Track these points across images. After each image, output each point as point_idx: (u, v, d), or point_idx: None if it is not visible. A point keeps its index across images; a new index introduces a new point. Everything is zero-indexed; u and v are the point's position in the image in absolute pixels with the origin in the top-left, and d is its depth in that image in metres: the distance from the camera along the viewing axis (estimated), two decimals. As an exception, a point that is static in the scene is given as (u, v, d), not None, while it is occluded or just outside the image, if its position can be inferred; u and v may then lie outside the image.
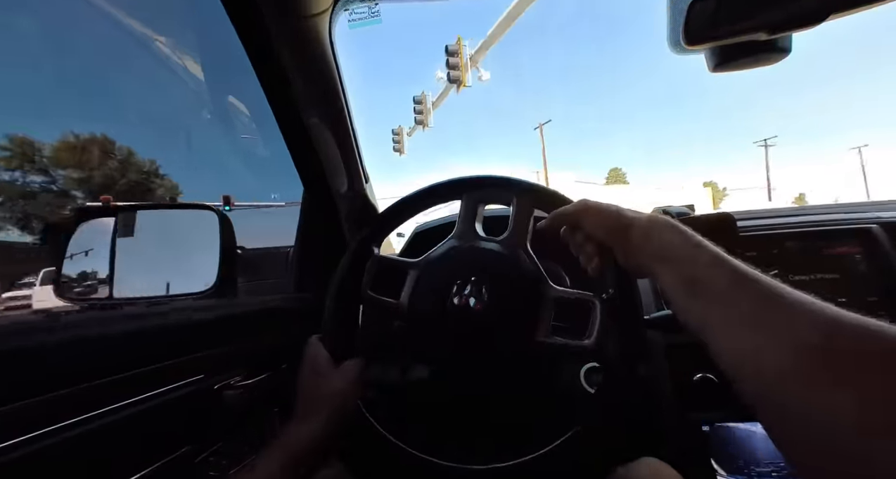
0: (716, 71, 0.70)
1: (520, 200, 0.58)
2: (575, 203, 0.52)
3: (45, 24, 0.84)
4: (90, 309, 0.69)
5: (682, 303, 0.38)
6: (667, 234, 0.41)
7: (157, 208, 0.77)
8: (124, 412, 0.42)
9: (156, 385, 0.46)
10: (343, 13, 0.75)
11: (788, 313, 0.30)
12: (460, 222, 0.60)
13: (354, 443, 0.69)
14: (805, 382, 0.26)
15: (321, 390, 0.52)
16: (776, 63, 0.68)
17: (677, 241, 0.40)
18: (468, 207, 0.60)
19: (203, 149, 1.28)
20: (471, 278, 0.56)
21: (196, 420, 0.50)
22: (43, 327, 0.37)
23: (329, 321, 0.59)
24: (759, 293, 0.32)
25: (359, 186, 0.91)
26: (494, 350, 0.55)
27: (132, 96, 1.26)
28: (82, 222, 0.68)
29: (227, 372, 0.55)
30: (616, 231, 0.46)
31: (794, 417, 0.26)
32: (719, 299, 0.34)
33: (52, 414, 0.36)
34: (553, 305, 0.55)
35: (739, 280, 0.33)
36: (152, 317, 0.49)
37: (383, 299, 0.59)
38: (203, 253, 0.70)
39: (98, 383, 0.39)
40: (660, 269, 0.41)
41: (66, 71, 1.13)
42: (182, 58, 0.92)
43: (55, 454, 0.35)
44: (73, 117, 1.38)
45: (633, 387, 0.51)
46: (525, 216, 0.58)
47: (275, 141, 0.82)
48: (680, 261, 0.39)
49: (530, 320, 0.54)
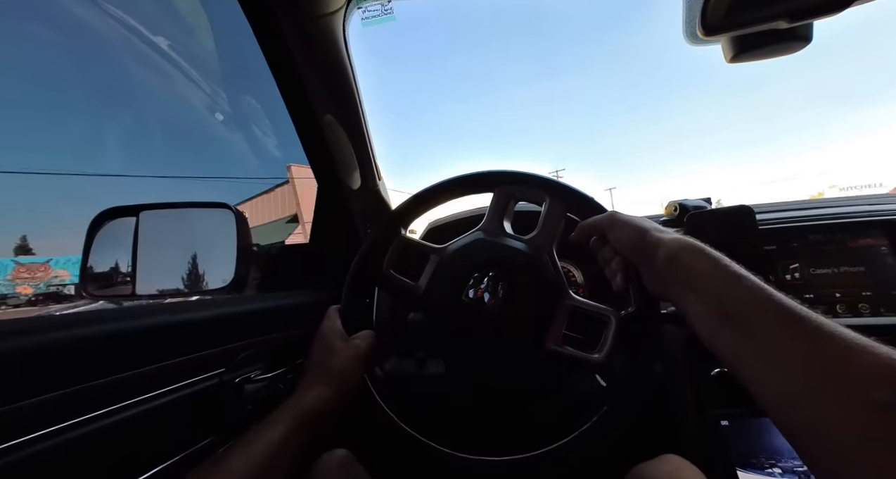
0: (734, 61, 0.69)
1: (552, 201, 0.57)
2: (604, 215, 0.50)
3: (76, 35, 0.86)
4: (114, 305, 0.71)
5: (712, 334, 0.35)
6: (697, 259, 0.38)
7: (176, 207, 0.79)
8: (152, 403, 0.43)
9: (176, 379, 0.47)
10: (356, 12, 0.75)
11: (845, 357, 0.26)
12: (489, 216, 0.59)
13: (359, 426, 0.69)
14: (873, 449, 0.23)
15: (330, 359, 0.53)
16: (796, 52, 0.67)
17: (709, 268, 0.37)
18: (499, 202, 0.59)
19: (214, 147, 1.29)
20: (489, 273, 0.55)
21: (219, 412, 0.51)
22: (70, 322, 0.39)
23: (347, 296, 0.60)
24: (810, 333, 0.28)
25: (372, 183, 0.92)
26: (502, 349, 0.55)
27: (147, 97, 1.27)
28: (106, 222, 0.71)
29: (248, 366, 0.56)
30: (641, 250, 0.43)
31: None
32: (760, 336, 0.31)
33: (83, 404, 0.37)
34: (569, 313, 0.54)
35: (786, 316, 0.30)
36: (175, 313, 0.50)
37: (403, 280, 0.59)
38: (221, 250, 0.72)
39: (124, 376, 0.40)
40: (687, 297, 0.38)
41: (88, 79, 1.16)
42: (197, 57, 0.93)
43: (89, 441, 0.36)
44: (94, 118, 1.41)
45: (640, 407, 0.50)
46: (556, 219, 0.56)
47: (288, 140, 0.83)
48: (712, 291, 0.36)
49: (542, 326, 0.53)
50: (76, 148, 4.65)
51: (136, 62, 1.25)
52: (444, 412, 0.78)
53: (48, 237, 4.70)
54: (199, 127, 1.91)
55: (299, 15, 0.66)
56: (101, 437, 0.37)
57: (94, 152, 4.07)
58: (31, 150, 5.39)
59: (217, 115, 0.91)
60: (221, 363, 0.53)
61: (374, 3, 0.75)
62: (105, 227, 0.71)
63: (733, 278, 0.34)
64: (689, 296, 0.37)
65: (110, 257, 0.71)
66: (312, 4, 0.65)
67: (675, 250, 0.40)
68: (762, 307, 0.31)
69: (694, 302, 0.37)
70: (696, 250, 0.39)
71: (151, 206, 0.76)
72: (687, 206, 0.80)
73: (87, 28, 1.37)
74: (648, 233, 0.43)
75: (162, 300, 0.72)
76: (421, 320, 0.82)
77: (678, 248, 0.40)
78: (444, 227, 0.99)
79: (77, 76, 3.01)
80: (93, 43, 1.71)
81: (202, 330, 0.51)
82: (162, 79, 1.13)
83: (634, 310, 0.51)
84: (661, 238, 0.42)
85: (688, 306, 0.38)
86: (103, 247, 0.71)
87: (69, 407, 0.36)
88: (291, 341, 0.66)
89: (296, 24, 0.66)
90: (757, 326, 0.31)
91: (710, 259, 0.37)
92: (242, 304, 0.63)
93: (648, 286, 0.45)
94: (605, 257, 0.50)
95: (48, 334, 0.36)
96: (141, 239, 0.72)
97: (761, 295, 0.32)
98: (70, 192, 10.98)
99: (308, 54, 0.70)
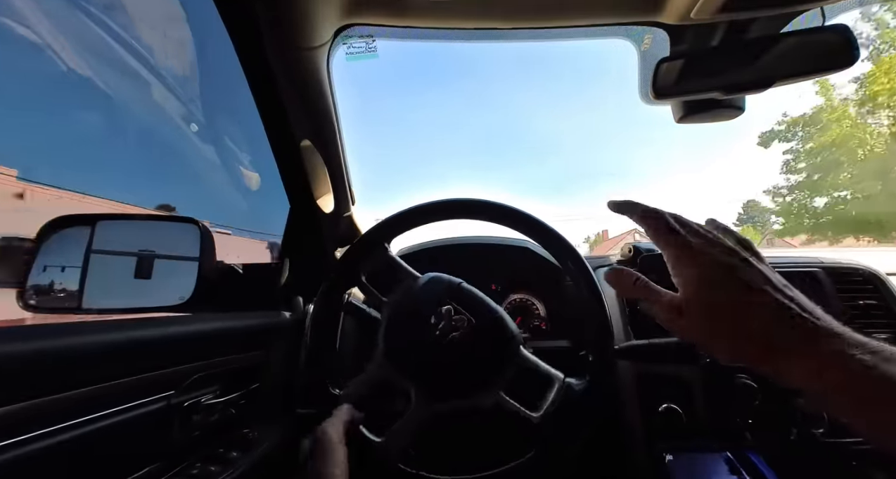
0: (681, 122, 0.78)
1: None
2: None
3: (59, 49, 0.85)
4: (55, 319, 0.67)
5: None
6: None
7: (137, 219, 0.76)
8: (85, 429, 0.40)
9: (121, 401, 0.44)
10: (342, 47, 0.79)
11: None
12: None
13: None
14: None
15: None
16: (732, 119, 0.77)
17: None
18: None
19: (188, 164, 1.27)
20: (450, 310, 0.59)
21: (161, 438, 0.48)
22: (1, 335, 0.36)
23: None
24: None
25: (345, 207, 0.93)
26: (455, 385, 0.58)
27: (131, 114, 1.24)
28: (58, 230, 0.67)
29: (199, 389, 0.54)
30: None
31: None
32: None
33: (9, 428, 0.34)
34: (520, 369, 0.58)
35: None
36: (121, 329, 0.47)
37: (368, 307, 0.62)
38: (182, 266, 0.70)
39: (58, 398, 0.38)
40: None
41: (68, 97, 1.12)
42: (176, 71, 0.94)
43: (13, 470, 0.34)
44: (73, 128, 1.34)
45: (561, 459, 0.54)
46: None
47: (263, 160, 0.83)
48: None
49: (493, 374, 0.57)
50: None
51: (111, 71, 1.21)
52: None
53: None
54: (170, 139, 1.85)
55: (286, 46, 0.68)
56: (26, 465, 0.34)
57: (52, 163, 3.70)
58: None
59: (192, 125, 0.90)
60: (171, 386, 0.50)
61: (360, 41, 0.80)
62: (56, 235, 0.68)
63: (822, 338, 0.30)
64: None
65: (58, 266, 0.68)
66: (300, 38, 0.68)
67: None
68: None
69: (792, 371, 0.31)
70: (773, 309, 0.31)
71: (110, 216, 0.74)
72: (640, 248, 0.87)
73: (69, 34, 1.32)
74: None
75: (111, 316, 0.68)
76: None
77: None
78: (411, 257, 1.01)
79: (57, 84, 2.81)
80: (72, 47, 1.64)
81: (152, 349, 0.49)
82: (136, 88, 1.11)
83: (586, 383, 0.56)
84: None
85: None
86: (51, 256, 0.67)
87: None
88: (249, 365, 0.64)
89: (281, 54, 0.69)
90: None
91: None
92: (199, 323, 0.61)
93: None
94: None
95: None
96: (95, 250, 0.69)
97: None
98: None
99: (291, 82, 0.73)
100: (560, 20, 0.71)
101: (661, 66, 0.66)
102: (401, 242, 0.85)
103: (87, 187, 1.04)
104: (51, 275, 0.66)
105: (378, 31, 0.78)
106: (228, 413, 0.57)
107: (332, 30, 0.72)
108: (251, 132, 0.90)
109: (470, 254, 1.04)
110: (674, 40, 0.72)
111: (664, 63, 0.66)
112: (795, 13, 0.64)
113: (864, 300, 0.78)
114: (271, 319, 0.73)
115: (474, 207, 0.64)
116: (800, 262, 0.83)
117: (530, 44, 0.80)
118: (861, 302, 0.78)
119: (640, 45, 0.77)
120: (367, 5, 0.69)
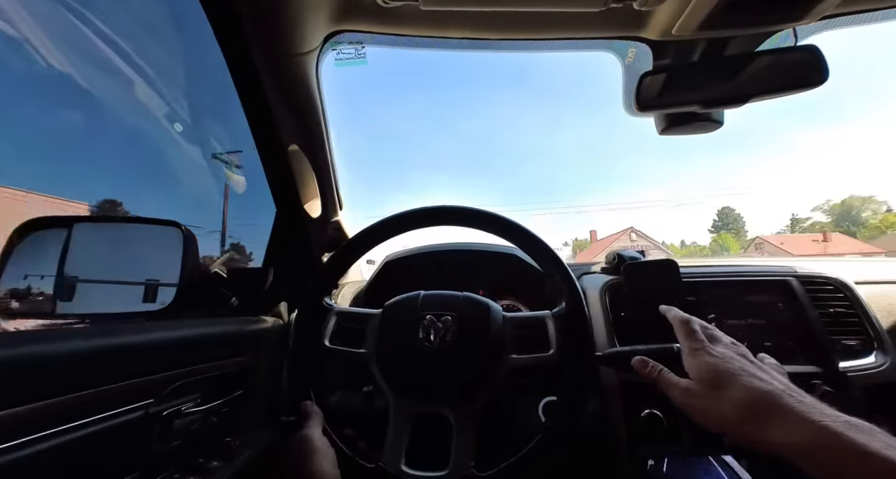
0: (663, 134, 0.81)
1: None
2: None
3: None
4: (28, 324, 0.64)
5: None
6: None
7: (118, 222, 0.74)
8: (57, 440, 0.39)
9: (96, 411, 0.43)
10: (331, 53, 0.79)
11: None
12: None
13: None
14: None
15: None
16: (711, 132, 0.80)
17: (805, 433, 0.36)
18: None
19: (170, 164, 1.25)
20: (441, 318, 0.61)
21: (139, 449, 0.47)
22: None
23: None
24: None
25: (332, 212, 0.93)
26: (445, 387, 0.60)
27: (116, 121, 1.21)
28: (33, 232, 0.65)
29: (180, 397, 0.53)
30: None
31: None
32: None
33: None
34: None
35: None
36: (99, 335, 0.46)
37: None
38: (163, 271, 0.68)
39: (27, 408, 0.37)
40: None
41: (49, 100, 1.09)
42: (162, 74, 0.92)
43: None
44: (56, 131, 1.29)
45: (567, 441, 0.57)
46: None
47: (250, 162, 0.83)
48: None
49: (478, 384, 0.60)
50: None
51: (91, 70, 1.19)
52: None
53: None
54: (152, 140, 1.80)
55: (275, 51, 0.68)
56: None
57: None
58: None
59: (176, 125, 0.89)
60: (150, 394, 0.49)
61: (349, 47, 0.80)
62: (30, 237, 0.65)
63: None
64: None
65: (31, 270, 0.65)
66: (289, 43, 0.68)
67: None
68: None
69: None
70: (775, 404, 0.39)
71: (88, 218, 0.72)
72: (624, 256, 0.88)
73: (49, 31, 1.29)
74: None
75: (87, 321, 0.66)
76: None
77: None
78: (398, 262, 1.01)
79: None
80: (52, 44, 1.59)
81: (131, 356, 0.48)
82: (118, 87, 1.08)
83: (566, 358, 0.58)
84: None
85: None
86: (25, 258, 0.64)
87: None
88: (232, 372, 0.62)
89: (270, 59, 0.69)
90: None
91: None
92: (180, 329, 0.59)
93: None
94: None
95: None
96: (71, 253, 0.67)
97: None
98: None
99: (279, 87, 0.72)
100: (546, 33, 0.73)
101: (644, 80, 0.68)
102: (388, 247, 0.85)
103: (58, 190, 1.01)
104: (24, 278, 0.64)
105: (368, 38, 0.78)
106: (210, 422, 0.55)
107: (321, 36, 0.72)
108: (238, 136, 0.89)
109: (457, 260, 1.04)
110: (656, 55, 0.75)
111: (647, 76, 0.68)
112: (769, 33, 0.67)
113: (835, 308, 0.81)
114: (256, 325, 0.71)
115: (459, 215, 0.65)
116: (776, 271, 0.86)
117: (519, 54, 0.82)
118: (832, 309, 0.81)
119: (625, 59, 0.80)
120: (357, 13, 0.70)
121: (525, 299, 1.04)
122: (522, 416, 0.79)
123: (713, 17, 0.59)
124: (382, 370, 0.62)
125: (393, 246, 1.03)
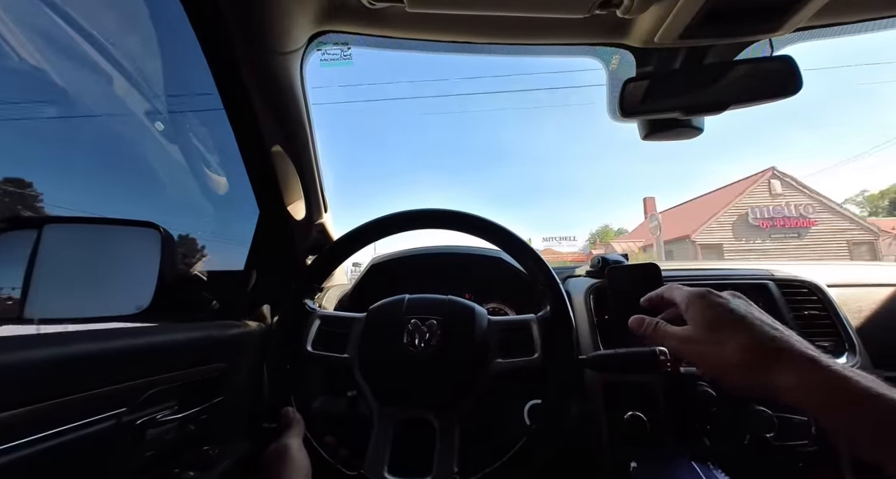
0: (646, 139, 0.82)
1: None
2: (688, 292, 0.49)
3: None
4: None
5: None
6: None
7: (92, 223, 0.72)
8: (28, 450, 0.37)
9: (68, 419, 0.41)
10: (316, 53, 0.78)
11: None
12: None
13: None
14: None
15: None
16: (691, 139, 0.81)
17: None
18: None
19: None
20: (426, 322, 0.62)
21: (110, 460, 0.45)
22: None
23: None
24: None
25: (317, 215, 0.91)
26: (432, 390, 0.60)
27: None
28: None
29: (155, 406, 0.51)
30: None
31: None
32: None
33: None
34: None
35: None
36: (69, 340, 0.44)
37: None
38: (139, 273, 0.66)
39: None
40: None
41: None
42: (140, 70, 0.90)
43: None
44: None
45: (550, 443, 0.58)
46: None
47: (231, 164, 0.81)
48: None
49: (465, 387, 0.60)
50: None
51: (68, 65, 1.14)
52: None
53: None
54: (129, 139, 1.74)
55: (258, 49, 0.67)
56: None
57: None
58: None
59: (157, 124, 0.86)
60: (123, 402, 0.47)
61: (334, 48, 0.80)
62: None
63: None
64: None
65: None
66: (273, 41, 0.67)
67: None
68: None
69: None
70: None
71: (60, 219, 0.69)
72: (608, 259, 0.90)
73: (23, 27, 1.23)
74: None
75: (57, 325, 0.64)
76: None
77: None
78: (384, 266, 1.00)
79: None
80: (26, 39, 1.52)
81: (103, 363, 0.46)
82: (95, 83, 1.04)
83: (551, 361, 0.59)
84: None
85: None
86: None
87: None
88: (212, 378, 0.61)
89: (253, 58, 0.67)
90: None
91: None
92: (157, 334, 0.57)
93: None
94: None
95: None
96: (41, 255, 0.64)
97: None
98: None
99: (262, 86, 0.71)
100: (532, 38, 0.73)
101: (627, 86, 0.69)
102: (375, 250, 0.84)
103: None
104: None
105: (353, 39, 0.78)
106: (187, 430, 0.54)
107: (305, 36, 0.71)
108: (220, 135, 0.87)
109: (444, 263, 1.04)
110: (639, 62, 0.76)
111: (630, 83, 0.70)
112: (747, 43, 0.69)
113: (809, 310, 0.84)
114: (237, 329, 0.70)
115: (442, 218, 0.65)
116: (754, 274, 0.88)
117: (505, 57, 0.82)
118: (806, 312, 0.83)
119: (609, 65, 0.81)
120: (343, 13, 0.69)
121: (511, 302, 1.05)
122: (507, 419, 0.79)
123: (693, 27, 0.60)
124: (366, 375, 0.61)
125: (380, 249, 1.03)
